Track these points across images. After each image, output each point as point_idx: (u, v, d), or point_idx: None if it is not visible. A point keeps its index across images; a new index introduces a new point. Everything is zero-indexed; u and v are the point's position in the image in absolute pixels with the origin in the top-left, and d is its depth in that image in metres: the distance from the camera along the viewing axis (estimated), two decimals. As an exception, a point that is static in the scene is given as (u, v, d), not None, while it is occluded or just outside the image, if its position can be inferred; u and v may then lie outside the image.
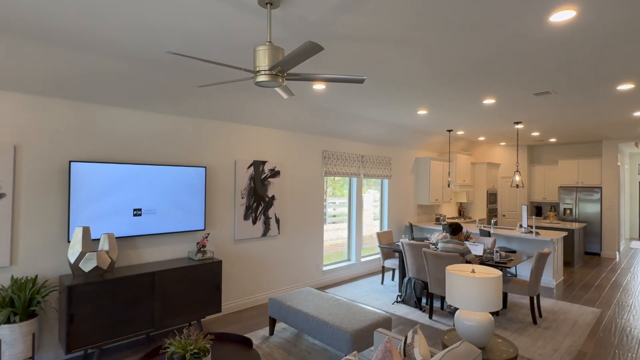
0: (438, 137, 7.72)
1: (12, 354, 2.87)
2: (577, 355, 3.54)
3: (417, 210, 8.03)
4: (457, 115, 5.61)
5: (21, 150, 3.19)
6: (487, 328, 2.48)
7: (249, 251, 4.85)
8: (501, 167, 9.85)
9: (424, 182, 7.88)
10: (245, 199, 4.78)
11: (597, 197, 8.54)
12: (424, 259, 4.50)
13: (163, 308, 3.61)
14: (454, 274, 2.55)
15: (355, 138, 6.36)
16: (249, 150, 4.87)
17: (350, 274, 6.41)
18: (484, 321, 2.48)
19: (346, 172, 6.23)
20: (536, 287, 4.32)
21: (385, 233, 6.25)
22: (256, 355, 2.84)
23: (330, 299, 3.82)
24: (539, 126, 6.60)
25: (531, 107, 5.00)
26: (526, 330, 4.10)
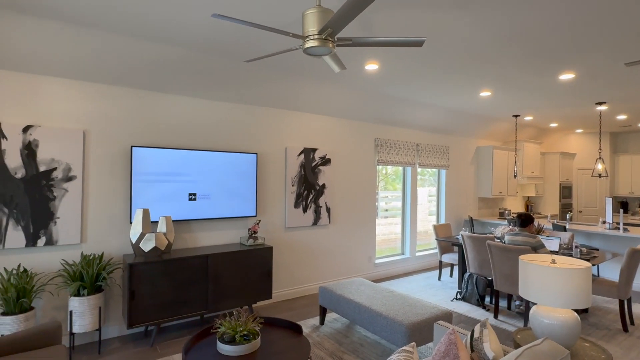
0: (502, 124, 7.06)
1: (82, 325, 3.07)
2: (686, 371, 2.95)
3: (478, 203, 7.44)
4: (525, 96, 5.04)
5: (89, 136, 3.40)
6: (573, 328, 2.11)
7: (299, 240, 4.79)
8: (577, 157, 8.79)
9: (486, 173, 7.26)
10: (296, 186, 4.71)
11: (702, 190, 7.24)
12: (489, 252, 4.09)
13: (216, 291, 3.66)
14: (530, 264, 2.21)
15: (410, 125, 6.01)
16: (300, 138, 4.79)
17: (404, 268, 6.10)
18: (568, 320, 2.11)
19: (400, 161, 5.92)
20: (627, 289, 3.70)
21: (442, 226, 5.84)
22: (306, 342, 2.73)
23: (383, 290, 3.60)
24: (627, 107, 5.72)
25: (620, 82, 4.31)
26: (615, 338, 3.54)
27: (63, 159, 3.27)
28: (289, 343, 2.72)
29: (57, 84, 3.25)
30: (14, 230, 3.06)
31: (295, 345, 2.70)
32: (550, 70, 3.87)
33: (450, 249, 5.67)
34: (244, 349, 2.54)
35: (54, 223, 3.22)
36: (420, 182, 6.56)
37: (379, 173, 5.93)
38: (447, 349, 1.66)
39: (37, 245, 3.14)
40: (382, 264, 5.77)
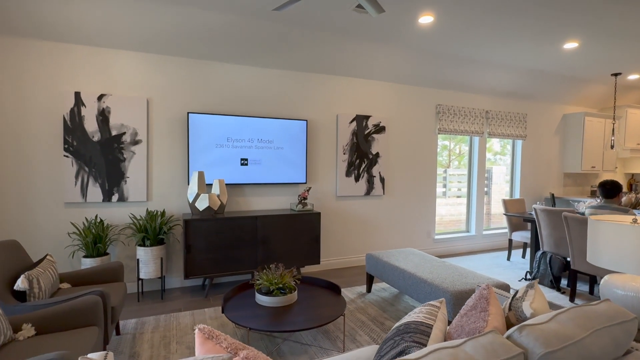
0: (597, 86, 5.98)
1: (146, 272, 3.43)
2: None
3: (563, 179, 6.50)
4: (627, 46, 4.16)
5: (152, 103, 3.71)
6: (657, 303, 1.70)
7: (351, 209, 4.70)
8: None
9: (574, 145, 6.28)
10: (347, 154, 4.60)
11: None
12: (566, 227, 3.54)
13: (265, 252, 3.78)
14: (603, 222, 1.82)
15: (476, 89, 5.43)
16: (351, 104, 4.64)
17: (468, 246, 5.64)
18: (650, 292, 1.71)
19: (465, 129, 5.40)
20: None
21: (514, 201, 5.24)
22: (342, 302, 2.68)
23: (434, 260, 3.36)
24: None
25: None
26: None
27: (130, 124, 3.62)
28: (325, 300, 2.70)
29: (124, 55, 3.58)
30: (93, 187, 3.51)
31: (331, 302, 2.66)
32: (658, 3, 3.11)
33: (522, 226, 5.07)
34: (279, 300, 2.58)
35: (125, 182, 3.61)
36: (497, 160, 5.93)
37: (452, 152, 5.50)
38: (476, 303, 1.46)
39: (111, 201, 3.56)
40: (443, 240, 5.40)
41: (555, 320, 1.20)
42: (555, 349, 1.07)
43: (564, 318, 1.22)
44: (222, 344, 1.08)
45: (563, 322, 1.19)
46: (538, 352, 1.06)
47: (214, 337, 1.10)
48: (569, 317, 1.23)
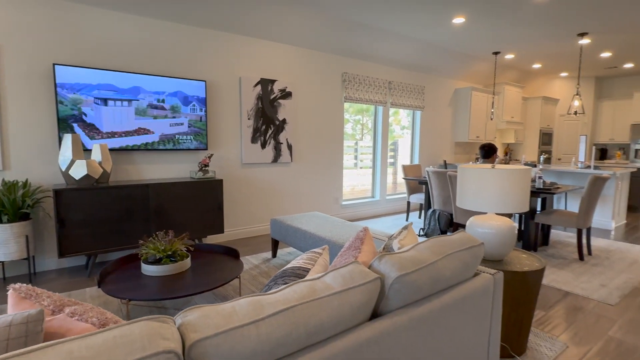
0: (482, 63, 6.69)
1: (6, 253, 2.88)
2: (632, 291, 2.90)
3: (454, 148, 7.25)
4: (503, 25, 4.65)
5: (4, 51, 3.02)
6: (507, 236, 1.96)
7: (258, 177, 4.57)
8: (560, 104, 8.53)
9: (463, 116, 7.00)
10: (253, 120, 4.42)
11: (681, 134, 7.11)
12: (450, 185, 3.93)
13: (160, 223, 3.48)
14: (468, 169, 2.01)
15: (381, 60, 5.63)
16: (256, 67, 4.42)
17: (373, 211, 5.99)
18: (502, 227, 1.96)
19: (370, 99, 5.60)
20: (587, 218, 3.61)
21: (412, 166, 5.67)
22: (240, 265, 2.59)
23: (336, 221, 3.45)
24: (612, 40, 5.38)
25: (599, 3, 3.94)
26: (569, 266, 3.48)
27: (-29, 75, 2.91)
28: (222, 265, 2.58)
29: (-46, -15, 2.82)
30: None
31: (228, 266, 2.56)
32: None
33: (418, 189, 5.54)
34: (168, 269, 2.38)
35: (-31, 147, 2.93)
36: (404, 134, 6.29)
37: (360, 124, 5.63)
38: (352, 243, 1.49)
39: (-50, 170, 2.87)
40: (350, 205, 5.64)
41: (415, 249, 1.27)
42: (408, 272, 1.12)
43: (422, 247, 1.29)
44: (44, 302, 0.90)
45: (420, 250, 1.26)
46: (393, 275, 1.10)
47: (32, 296, 0.91)
48: (426, 246, 1.31)
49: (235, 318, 0.81)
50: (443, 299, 1.23)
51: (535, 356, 1.99)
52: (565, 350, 2.07)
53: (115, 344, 0.66)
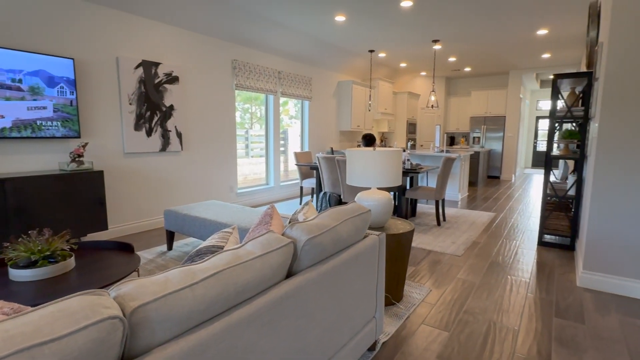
0: (360, 60, 7.44)
1: None
2: (472, 244, 3.79)
3: (339, 136, 7.91)
4: (377, 26, 5.29)
5: None
6: (386, 206, 2.37)
7: (144, 167, 4.24)
8: (421, 98, 10.08)
9: (346, 107, 7.69)
10: (135, 105, 4.05)
11: (501, 126, 9.24)
12: (338, 169, 4.37)
13: (23, 223, 2.97)
14: (355, 151, 2.35)
15: (271, 50, 5.76)
16: (137, 47, 4.05)
17: (269, 197, 6.17)
18: (383, 199, 2.36)
19: (261, 87, 5.69)
20: (442, 191, 4.48)
21: (303, 153, 6.02)
22: (136, 259, 2.45)
23: (234, 207, 3.51)
24: (456, 48, 6.63)
25: (448, 18, 4.86)
26: (430, 230, 4.30)
27: None
28: (114, 262, 2.40)
29: None
30: None
31: (122, 262, 2.39)
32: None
33: (310, 174, 5.92)
34: (47, 271, 2.12)
35: None
36: (292, 123, 6.52)
37: (249, 113, 5.62)
38: (261, 219, 1.63)
39: None
40: (245, 193, 5.69)
41: (318, 218, 1.48)
42: (316, 235, 1.33)
43: (324, 215, 1.52)
44: None
45: (323, 218, 1.49)
46: (304, 238, 1.30)
47: None
48: (327, 214, 1.54)
49: (170, 285, 0.88)
50: (342, 257, 1.49)
51: (409, 301, 2.49)
52: (429, 293, 2.63)
53: (55, 318, 0.68)
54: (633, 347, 1.97)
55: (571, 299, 2.54)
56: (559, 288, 2.72)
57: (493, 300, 2.53)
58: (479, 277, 2.93)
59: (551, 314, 2.33)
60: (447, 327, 2.16)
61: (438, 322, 2.22)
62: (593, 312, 2.36)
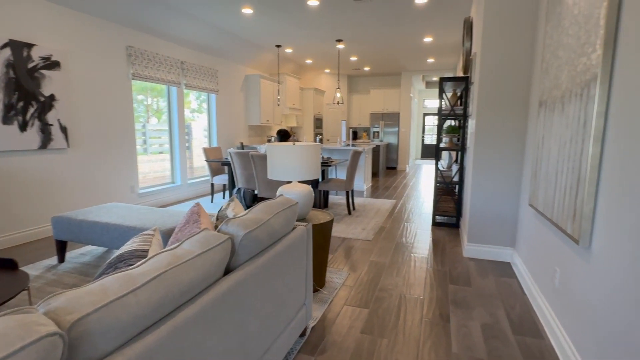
0: (268, 54, 7.42)
1: None
2: (379, 229, 4.18)
3: (248, 131, 7.79)
4: (283, 22, 5.35)
5: None
6: (308, 198, 2.48)
7: (19, 168, 3.56)
8: (326, 95, 10.52)
9: (254, 102, 7.60)
10: (2, 94, 3.37)
11: (396, 122, 10.26)
12: (252, 164, 4.33)
13: None
14: (276, 146, 2.39)
15: (173, 38, 5.35)
16: (1, 24, 3.35)
17: (176, 196, 5.76)
18: (304, 192, 2.46)
19: (162, 78, 5.26)
20: (351, 183, 4.82)
21: (213, 149, 5.78)
22: (23, 276, 2.08)
23: (141, 209, 3.21)
24: (356, 48, 7.11)
25: (350, 20, 5.18)
26: (343, 219, 4.59)
27: None
28: (-8, 282, 2.00)
29: None
30: None
31: (6, 281, 2.01)
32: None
33: (221, 170, 5.73)
34: None
35: None
36: (195, 117, 6.14)
37: (149, 107, 5.09)
38: (188, 218, 1.56)
39: None
40: (149, 193, 5.22)
41: (251, 213, 1.50)
42: (252, 229, 1.35)
43: (256, 209, 1.54)
44: None
45: (255, 212, 1.51)
46: (241, 234, 1.30)
47: None
48: (258, 208, 1.56)
49: (111, 292, 0.82)
50: (276, 249, 1.53)
51: (331, 286, 2.65)
52: (348, 277, 2.84)
53: (-20, 344, 0.59)
54: (505, 299, 2.47)
55: (460, 268, 3.03)
56: (450, 260, 3.22)
57: (401, 276, 2.86)
58: (388, 257, 3.28)
59: (447, 282, 2.75)
60: (366, 305, 2.38)
61: (358, 302, 2.43)
62: (476, 276, 2.86)
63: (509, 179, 3.08)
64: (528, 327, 2.12)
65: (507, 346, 1.94)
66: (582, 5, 1.74)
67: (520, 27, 2.87)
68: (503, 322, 2.18)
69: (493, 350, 1.91)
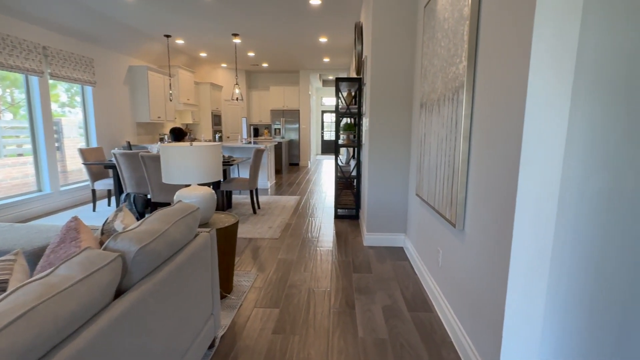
0: (156, 44, 6.75)
1: None
2: (286, 226, 4.22)
3: (136, 128, 7.00)
4: (173, 10, 4.93)
5: None
6: (210, 202, 2.35)
7: None
8: (224, 90, 10.11)
9: (142, 96, 6.85)
10: None
11: (296, 119, 10.44)
12: (143, 166, 3.91)
13: None
14: (170, 147, 2.19)
15: (32, 18, 4.44)
16: None
17: (46, 207, 4.85)
18: (206, 195, 2.32)
19: (17, 65, 4.34)
20: (254, 181, 4.74)
21: (92, 150, 5.03)
22: None
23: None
24: (254, 43, 6.98)
25: (246, 13, 5.05)
26: (248, 219, 4.49)
27: None
28: None
29: None
30: None
31: None
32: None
33: (104, 174, 5.03)
34: None
35: None
36: (66, 113, 5.20)
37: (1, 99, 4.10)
38: (64, 236, 1.33)
39: None
40: (7, 206, 4.28)
41: (144, 224, 1.35)
42: (147, 243, 1.22)
43: (151, 219, 1.40)
44: None
45: (151, 223, 1.36)
46: (134, 249, 1.16)
47: None
48: (154, 218, 1.42)
49: (-46, 345, 0.64)
50: (177, 261, 1.41)
51: (239, 290, 2.57)
52: (256, 278, 2.79)
53: None
54: (400, 280, 2.75)
55: (362, 257, 3.26)
56: (353, 250, 3.44)
57: (309, 271, 2.94)
58: (296, 254, 3.33)
59: (350, 271, 2.93)
60: (276, 304, 2.38)
61: (268, 302, 2.41)
62: (376, 262, 3.11)
63: (399, 172, 3.42)
64: (420, 303, 2.40)
65: (404, 323, 2.16)
66: (451, 22, 2.02)
67: (404, 35, 3.19)
68: (400, 302, 2.42)
69: (393, 328, 2.10)
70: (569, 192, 1.37)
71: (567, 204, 1.38)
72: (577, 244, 1.41)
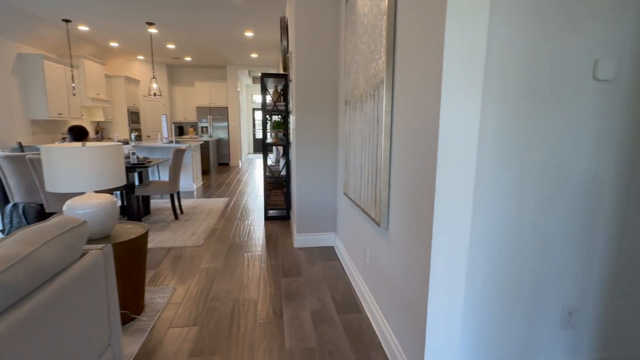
0: (53, 29, 5.86)
1: None
2: (211, 232, 3.92)
3: (31, 127, 6.01)
4: (70, -10, 4.28)
5: None
6: (110, 211, 2.02)
7: None
8: (141, 85, 9.23)
9: (37, 90, 5.90)
10: None
11: (225, 117, 9.97)
12: (33, 171, 3.32)
13: None
14: (55, 148, 1.82)
15: None
16: None
17: None
18: (104, 204, 1.99)
19: None
20: (175, 184, 4.34)
21: (-33, 153, 4.16)
22: None
23: None
24: (174, 35, 6.44)
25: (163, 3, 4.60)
26: (169, 226, 4.10)
27: None
28: None
29: None
30: None
31: None
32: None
33: (-15, 182, 4.20)
34: None
35: None
36: None
37: None
38: None
39: None
40: None
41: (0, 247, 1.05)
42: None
43: (9, 242, 1.10)
44: None
45: (8, 245, 1.07)
46: (-29, 285, 0.88)
47: None
48: (15, 238, 1.13)
49: None
50: (51, 288, 1.13)
51: (152, 308, 2.28)
52: (174, 292, 2.51)
53: None
54: (330, 281, 2.68)
55: (292, 259, 3.14)
56: (283, 253, 3.30)
57: (235, 279, 2.73)
58: (221, 261, 3.09)
59: (280, 276, 2.79)
60: (196, 322, 2.14)
61: (187, 320, 2.16)
62: (306, 264, 3.02)
63: (327, 171, 3.36)
64: (349, 305, 2.35)
65: (333, 327, 2.09)
66: (370, 17, 1.98)
67: (328, 31, 3.13)
68: (329, 305, 2.34)
69: (322, 334, 2.01)
70: (482, 186, 1.39)
71: (480, 199, 1.40)
72: (491, 241, 1.44)
